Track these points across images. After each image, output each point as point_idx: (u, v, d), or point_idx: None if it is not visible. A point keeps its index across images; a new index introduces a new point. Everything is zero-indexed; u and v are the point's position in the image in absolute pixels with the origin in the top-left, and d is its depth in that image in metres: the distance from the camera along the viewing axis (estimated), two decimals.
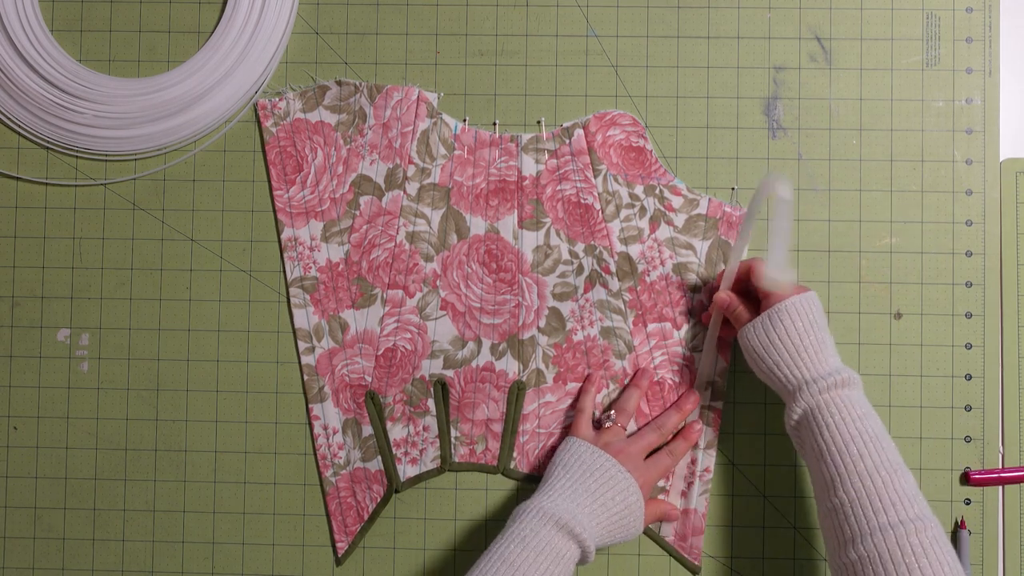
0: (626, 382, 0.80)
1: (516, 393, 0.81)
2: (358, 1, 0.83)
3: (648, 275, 0.81)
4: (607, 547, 0.75)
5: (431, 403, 0.81)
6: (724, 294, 0.75)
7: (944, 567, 0.61)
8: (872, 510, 0.63)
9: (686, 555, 0.80)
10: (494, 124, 0.82)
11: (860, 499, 0.64)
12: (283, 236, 0.82)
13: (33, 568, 0.83)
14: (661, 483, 0.80)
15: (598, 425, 0.78)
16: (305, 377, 0.82)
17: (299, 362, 0.82)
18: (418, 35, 0.83)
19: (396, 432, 0.81)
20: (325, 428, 0.81)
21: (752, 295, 0.75)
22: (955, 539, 0.79)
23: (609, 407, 0.79)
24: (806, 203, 0.81)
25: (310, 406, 0.82)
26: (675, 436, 0.78)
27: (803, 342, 0.69)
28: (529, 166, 0.81)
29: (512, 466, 0.81)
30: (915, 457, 0.80)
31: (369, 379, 0.81)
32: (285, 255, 0.82)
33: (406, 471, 0.81)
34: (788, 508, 0.80)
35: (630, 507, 0.72)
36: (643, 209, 0.81)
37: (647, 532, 0.80)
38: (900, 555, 0.61)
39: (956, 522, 0.79)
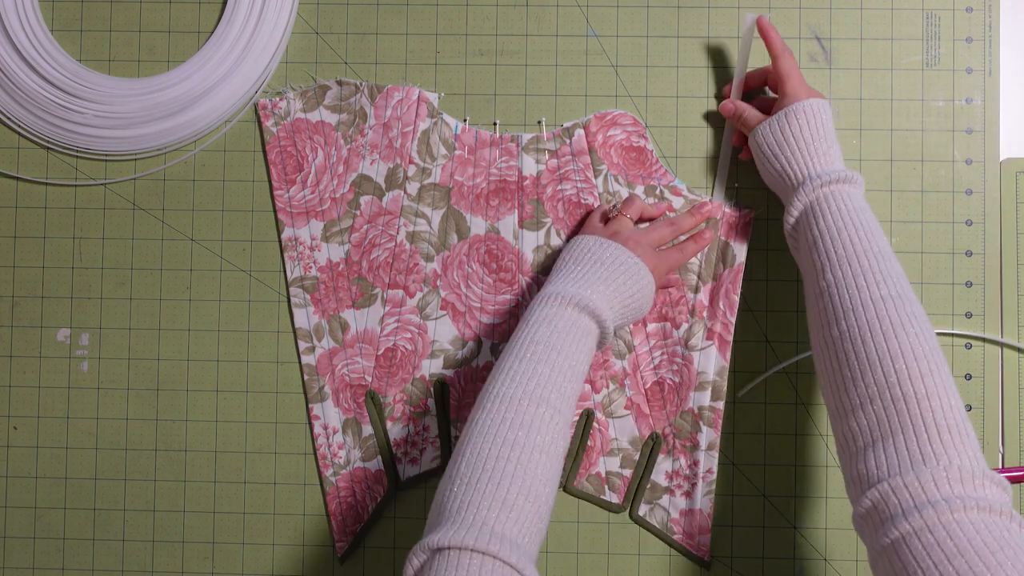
0: (626, 381, 0.80)
1: None
2: (358, 1, 0.83)
3: None
4: (623, 326, 0.75)
5: (431, 403, 0.81)
6: (729, 102, 0.78)
7: (923, 340, 0.60)
8: (856, 287, 0.63)
9: (695, 551, 0.80)
10: (494, 124, 0.82)
11: (846, 279, 0.64)
12: (283, 236, 0.82)
13: (33, 568, 0.83)
14: (665, 483, 0.80)
15: (605, 219, 0.78)
16: (305, 377, 0.82)
17: (299, 362, 0.82)
18: (418, 35, 0.83)
19: (396, 432, 0.81)
20: (325, 428, 0.81)
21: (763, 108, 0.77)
22: None
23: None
24: None
25: (310, 406, 0.82)
26: (688, 239, 0.79)
27: (813, 141, 0.71)
28: (530, 166, 0.81)
29: None
30: None
31: (369, 379, 0.81)
32: (285, 255, 0.82)
33: (406, 471, 0.81)
34: (788, 508, 0.80)
35: (642, 289, 0.72)
36: None
37: (654, 531, 0.80)
38: (879, 327, 0.61)
39: None
